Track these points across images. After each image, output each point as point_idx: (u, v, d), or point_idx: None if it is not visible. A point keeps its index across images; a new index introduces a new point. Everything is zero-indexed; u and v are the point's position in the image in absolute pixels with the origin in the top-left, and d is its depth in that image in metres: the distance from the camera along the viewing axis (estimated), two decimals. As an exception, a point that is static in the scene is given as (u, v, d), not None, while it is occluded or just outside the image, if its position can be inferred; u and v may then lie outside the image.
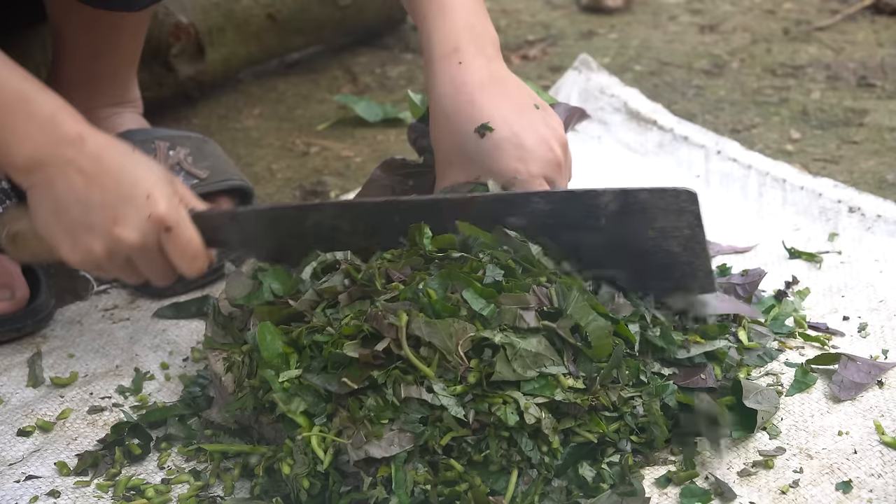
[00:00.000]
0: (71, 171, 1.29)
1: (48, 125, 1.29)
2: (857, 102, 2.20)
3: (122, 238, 1.30)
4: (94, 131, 1.32)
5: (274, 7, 2.33)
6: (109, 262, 1.33)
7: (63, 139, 1.29)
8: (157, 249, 1.32)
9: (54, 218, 1.32)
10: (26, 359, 1.54)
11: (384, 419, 1.20)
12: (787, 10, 2.73)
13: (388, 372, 1.21)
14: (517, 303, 1.26)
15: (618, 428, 1.26)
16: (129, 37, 1.75)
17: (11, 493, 1.29)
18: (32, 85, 1.31)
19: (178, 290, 1.67)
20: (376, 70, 2.50)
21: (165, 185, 1.32)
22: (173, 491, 1.29)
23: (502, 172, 1.40)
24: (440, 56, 1.44)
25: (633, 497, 1.22)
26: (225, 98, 2.38)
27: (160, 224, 1.30)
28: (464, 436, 1.19)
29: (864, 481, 1.24)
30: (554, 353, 1.24)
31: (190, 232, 1.33)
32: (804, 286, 1.58)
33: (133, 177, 1.31)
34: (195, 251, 1.34)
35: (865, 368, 1.39)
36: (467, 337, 1.22)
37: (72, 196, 1.30)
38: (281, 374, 1.24)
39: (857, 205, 1.76)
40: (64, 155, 1.29)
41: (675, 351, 1.33)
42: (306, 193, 1.99)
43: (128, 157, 1.33)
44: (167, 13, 2.16)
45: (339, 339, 1.25)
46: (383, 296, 1.28)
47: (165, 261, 1.34)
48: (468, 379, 1.21)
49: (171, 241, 1.32)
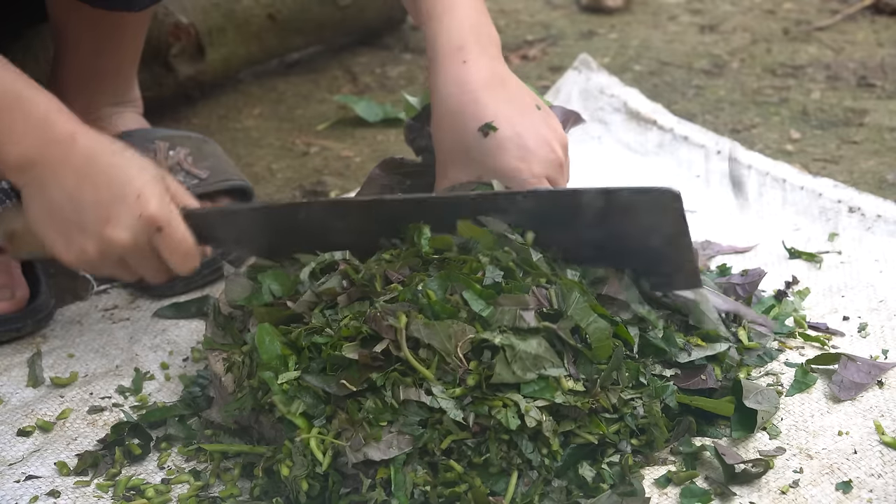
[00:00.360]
0: (63, 170, 1.29)
1: (41, 124, 1.29)
2: (857, 102, 2.20)
3: (114, 238, 1.30)
4: (86, 130, 1.32)
5: (274, 7, 2.33)
6: (102, 261, 1.33)
7: (55, 139, 1.29)
8: (149, 249, 1.32)
9: (47, 217, 1.32)
10: (26, 359, 1.54)
11: (383, 421, 1.20)
12: (787, 10, 2.73)
13: (387, 374, 1.21)
14: (517, 304, 1.26)
15: (618, 429, 1.25)
16: (130, 36, 1.75)
17: (11, 493, 1.29)
18: (26, 84, 1.31)
19: (178, 289, 1.67)
20: (376, 70, 2.50)
21: (157, 183, 1.32)
22: (173, 491, 1.29)
23: (504, 172, 1.40)
24: (445, 55, 1.44)
25: (633, 497, 1.22)
26: (225, 98, 2.38)
27: (151, 223, 1.30)
28: (464, 439, 1.19)
29: (864, 481, 1.24)
30: (554, 355, 1.24)
31: (181, 231, 1.33)
32: (804, 286, 1.58)
33: (124, 176, 1.30)
34: (187, 249, 1.34)
35: (865, 368, 1.39)
36: (467, 339, 1.22)
37: (64, 196, 1.30)
38: (280, 375, 1.24)
39: (857, 205, 1.76)
40: (56, 155, 1.29)
41: (676, 353, 1.33)
42: (306, 193, 1.99)
43: (119, 156, 1.33)
44: (167, 13, 2.16)
45: (338, 340, 1.24)
46: (382, 297, 1.28)
47: (158, 259, 1.34)
48: (467, 381, 1.20)
49: (162, 240, 1.32)
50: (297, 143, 2.18)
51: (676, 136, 2.02)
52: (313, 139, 2.19)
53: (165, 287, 1.67)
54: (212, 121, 2.28)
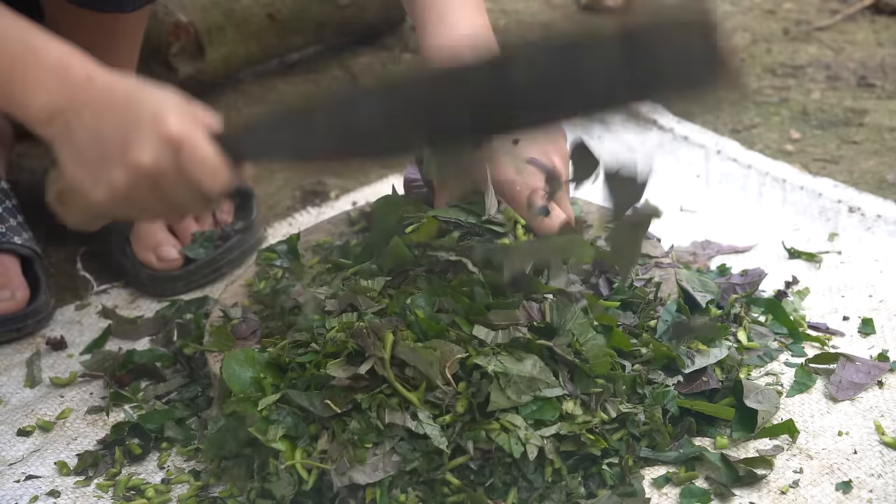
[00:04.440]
0: (84, 110, 1.28)
1: (58, 71, 1.29)
2: (857, 102, 2.20)
3: (136, 162, 1.27)
4: (102, 70, 1.31)
5: (274, 6, 2.33)
6: (134, 193, 1.29)
7: (74, 82, 1.29)
8: (176, 169, 1.29)
9: (76, 161, 1.30)
10: (26, 359, 1.54)
11: (368, 443, 1.18)
12: (787, 10, 2.73)
13: (373, 395, 1.19)
14: (507, 319, 1.24)
15: (620, 437, 1.25)
16: (126, 37, 1.75)
17: (11, 493, 1.29)
18: (36, 33, 1.30)
19: (179, 290, 1.67)
20: (376, 70, 2.50)
21: (177, 104, 1.29)
22: (173, 491, 1.29)
23: (500, 182, 1.40)
24: (438, 63, 1.44)
25: (633, 497, 1.22)
26: (225, 98, 2.38)
27: (171, 140, 1.26)
28: (464, 463, 1.18)
29: (864, 481, 1.24)
30: (549, 375, 1.22)
31: (205, 146, 1.27)
32: (804, 286, 1.58)
33: (141, 101, 1.28)
34: (214, 165, 1.27)
35: (865, 368, 1.39)
36: (454, 359, 1.20)
37: (87, 134, 1.28)
38: (259, 402, 1.23)
39: (857, 205, 1.76)
40: (77, 97, 1.28)
41: (683, 364, 1.32)
42: (306, 193, 1.98)
43: (137, 86, 1.31)
44: (167, 12, 2.16)
45: (323, 359, 1.23)
46: (371, 308, 1.27)
47: (187, 181, 1.29)
48: (456, 408, 1.18)
49: (185, 156, 1.27)
50: (297, 142, 2.18)
51: (676, 136, 2.02)
52: (313, 139, 2.19)
53: (166, 287, 1.67)
54: (212, 120, 2.28)
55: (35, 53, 1.29)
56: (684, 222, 1.77)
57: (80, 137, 1.29)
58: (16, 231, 1.65)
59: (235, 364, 1.26)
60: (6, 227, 1.64)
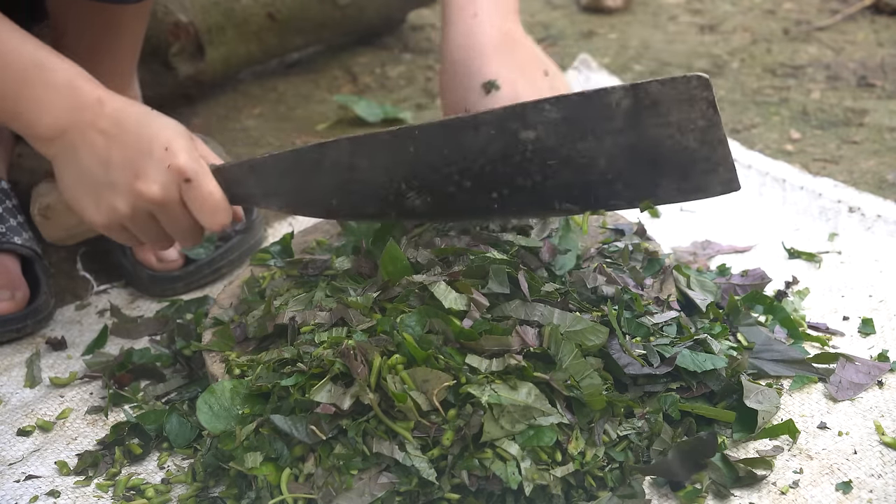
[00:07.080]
0: (92, 133, 1.29)
1: (67, 91, 1.30)
2: (857, 102, 2.20)
3: (144, 192, 1.29)
4: (112, 94, 1.32)
5: (274, 6, 2.33)
6: (133, 220, 1.32)
7: (83, 104, 1.30)
8: (179, 203, 1.31)
9: (78, 181, 1.31)
10: (26, 359, 1.54)
11: (353, 469, 1.16)
12: (787, 10, 2.73)
13: (359, 423, 1.17)
14: (499, 345, 1.22)
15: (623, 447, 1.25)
16: (129, 32, 1.75)
17: (11, 493, 1.29)
18: (47, 53, 1.31)
19: (179, 290, 1.67)
20: (376, 70, 2.50)
21: (185, 138, 1.31)
22: (173, 491, 1.29)
23: None
24: (457, 8, 1.48)
25: (633, 499, 1.21)
26: (225, 98, 2.38)
27: (180, 174, 1.29)
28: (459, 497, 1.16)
29: (864, 481, 1.24)
30: (545, 403, 1.19)
31: (210, 183, 1.31)
32: (804, 286, 1.58)
33: (152, 131, 1.30)
34: (216, 203, 1.31)
35: (865, 368, 1.39)
36: (442, 387, 1.17)
37: (94, 157, 1.30)
38: (241, 431, 1.22)
39: (857, 205, 1.76)
40: (84, 119, 1.29)
41: (708, 379, 1.31)
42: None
43: (147, 115, 1.33)
44: (167, 12, 2.16)
45: (308, 381, 1.21)
46: (361, 325, 1.26)
47: (188, 215, 1.33)
48: (442, 441, 1.16)
49: (191, 191, 1.30)
50: (297, 142, 2.18)
51: (676, 136, 2.01)
52: (313, 139, 2.19)
53: (166, 287, 1.67)
54: (212, 121, 2.28)
55: (44, 73, 1.30)
56: (684, 222, 1.77)
57: (85, 160, 1.30)
58: (16, 231, 1.65)
59: (207, 407, 1.25)
60: (6, 227, 1.64)
